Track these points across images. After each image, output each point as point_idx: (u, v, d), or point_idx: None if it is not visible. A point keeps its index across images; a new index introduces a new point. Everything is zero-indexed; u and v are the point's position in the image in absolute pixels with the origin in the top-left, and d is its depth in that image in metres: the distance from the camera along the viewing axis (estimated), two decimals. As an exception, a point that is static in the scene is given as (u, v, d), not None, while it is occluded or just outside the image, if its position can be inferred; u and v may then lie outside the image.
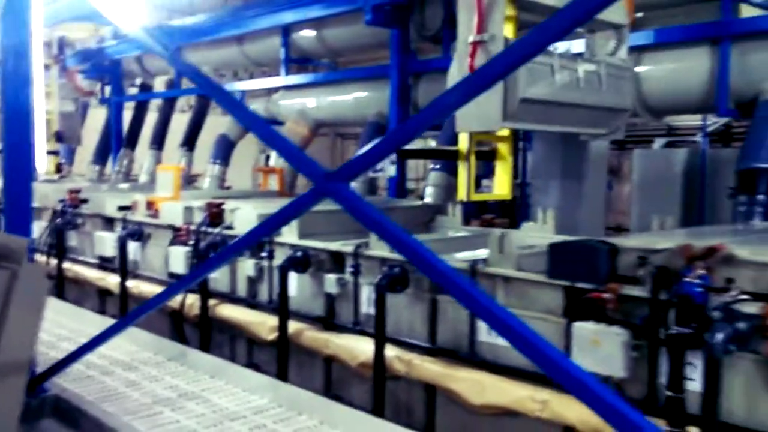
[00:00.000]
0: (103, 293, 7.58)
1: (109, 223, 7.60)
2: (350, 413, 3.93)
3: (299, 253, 5.10)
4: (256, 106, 10.13)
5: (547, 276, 3.75)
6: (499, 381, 3.89)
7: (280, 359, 5.10)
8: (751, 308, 2.99)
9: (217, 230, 5.88)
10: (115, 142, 12.50)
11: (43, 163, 10.72)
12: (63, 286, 8.01)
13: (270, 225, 3.01)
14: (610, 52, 5.05)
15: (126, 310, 6.90)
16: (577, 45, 5.45)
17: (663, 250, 3.35)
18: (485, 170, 12.65)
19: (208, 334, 5.96)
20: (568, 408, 3.54)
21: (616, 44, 5.05)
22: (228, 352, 5.93)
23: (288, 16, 8.22)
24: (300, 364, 5.26)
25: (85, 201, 8.03)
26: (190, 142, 11.07)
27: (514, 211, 9.01)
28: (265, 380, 4.15)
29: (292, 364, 5.25)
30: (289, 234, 5.36)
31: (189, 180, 11.14)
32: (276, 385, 4.08)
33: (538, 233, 5.32)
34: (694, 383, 3.17)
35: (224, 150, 10.32)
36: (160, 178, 7.38)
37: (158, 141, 11.76)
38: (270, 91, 10.01)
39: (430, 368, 4.21)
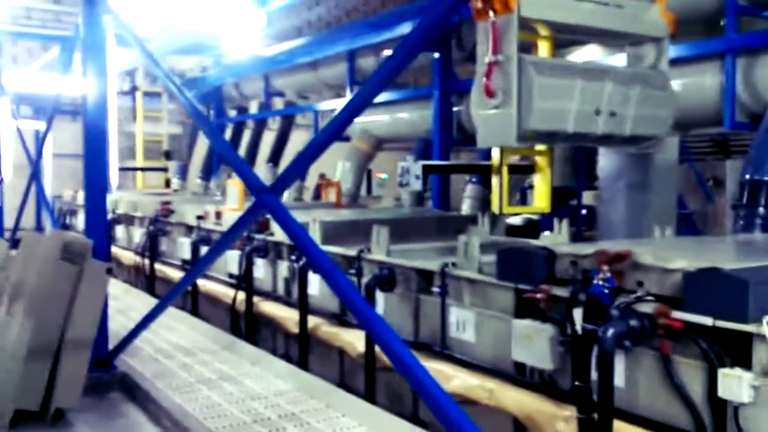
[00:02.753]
0: (185, 291, 8.60)
1: (189, 230, 8.63)
2: (350, 399, 4.66)
3: (317, 257, 5.73)
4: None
5: (497, 278, 4.15)
6: (458, 371, 4.32)
7: (302, 350, 5.77)
8: (647, 308, 3.27)
9: (260, 236, 6.66)
10: (217, 159, 13.81)
11: (116, 177, 12.11)
12: (154, 284, 9.15)
13: (234, 230, 3.73)
14: (650, 65, 5.26)
15: (197, 306, 7.84)
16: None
17: (587, 256, 3.67)
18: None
19: (254, 327, 6.73)
20: (507, 396, 3.93)
21: (656, 57, 5.25)
22: (271, 344, 6.67)
23: (345, 44, 8.96)
24: (322, 355, 5.90)
25: (173, 211, 9.15)
26: (275, 158, 12.08)
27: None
28: (291, 368, 4.88)
29: (317, 355, 5.90)
30: (314, 239, 6.00)
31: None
32: (297, 373, 4.81)
33: (552, 242, 5.64)
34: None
35: (302, 165, 11.21)
36: (228, 192, 8.31)
37: (250, 158, 12.89)
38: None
39: (407, 360, 4.69)
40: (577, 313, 3.49)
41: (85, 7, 4.58)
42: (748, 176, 5.22)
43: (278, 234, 6.52)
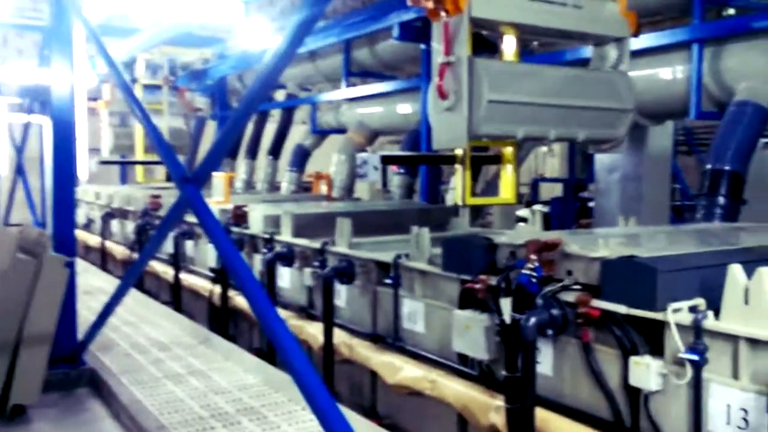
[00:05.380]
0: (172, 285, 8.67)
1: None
2: None
3: (285, 249, 5.81)
4: (329, 116, 11.02)
5: (442, 269, 4.17)
6: (408, 363, 4.36)
7: (269, 344, 5.85)
8: (570, 297, 3.28)
9: (237, 230, 6.75)
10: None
11: (84, 170, 12.17)
12: (143, 279, 9.14)
13: (168, 219, 3.82)
14: (612, 65, 5.18)
15: (179, 299, 7.94)
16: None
17: (523, 245, 3.68)
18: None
19: (233, 322, 6.82)
20: (447, 387, 3.96)
21: (618, 57, 5.18)
22: (248, 337, 6.76)
23: (337, 33, 9.00)
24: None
25: (161, 205, 9.22)
26: (275, 150, 12.18)
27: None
28: (260, 363, 4.98)
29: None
30: (285, 232, 6.08)
31: (275, 186, 12.26)
32: (265, 367, 4.91)
33: (526, 232, 5.65)
34: (540, 366, 3.50)
35: (300, 158, 11.32)
36: (214, 184, 8.41)
37: (252, 150, 13.00)
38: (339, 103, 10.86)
39: (361, 352, 4.75)
40: (508, 303, 3.50)
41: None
42: (709, 166, 5.18)
43: (254, 227, 6.61)
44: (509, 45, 5.00)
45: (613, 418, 3.16)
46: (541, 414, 3.34)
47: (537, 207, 10.23)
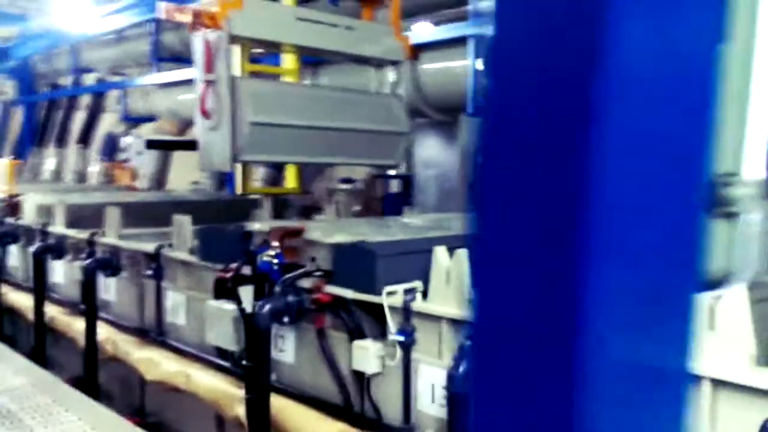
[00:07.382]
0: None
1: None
2: (76, 395, 4.44)
3: (56, 241, 5.38)
4: (139, 103, 10.43)
5: (201, 259, 4.01)
6: (167, 358, 4.17)
7: (38, 341, 5.41)
8: (306, 283, 3.24)
9: (10, 221, 6.20)
10: (28, 140, 12.86)
11: None
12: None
13: None
14: (390, 88, 5.15)
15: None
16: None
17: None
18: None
19: (1, 320, 6.26)
20: (200, 380, 3.82)
21: (396, 80, 5.16)
22: (26, 336, 6.22)
23: (142, 13, 8.53)
24: (68, 347, 5.56)
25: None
26: (84, 138, 11.39)
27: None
28: (28, 364, 4.54)
29: (63, 347, 5.55)
30: (59, 223, 5.64)
31: (82, 177, 11.46)
32: (34, 369, 4.48)
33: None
34: (284, 354, 3.45)
35: (110, 147, 10.63)
36: (-3, 172, 7.72)
37: (60, 139, 12.07)
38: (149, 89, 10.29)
39: (123, 348, 4.49)
40: (248, 291, 3.41)
41: None
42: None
43: (27, 217, 6.08)
44: (284, 63, 4.91)
45: (344, 404, 3.15)
46: (279, 402, 3.28)
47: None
